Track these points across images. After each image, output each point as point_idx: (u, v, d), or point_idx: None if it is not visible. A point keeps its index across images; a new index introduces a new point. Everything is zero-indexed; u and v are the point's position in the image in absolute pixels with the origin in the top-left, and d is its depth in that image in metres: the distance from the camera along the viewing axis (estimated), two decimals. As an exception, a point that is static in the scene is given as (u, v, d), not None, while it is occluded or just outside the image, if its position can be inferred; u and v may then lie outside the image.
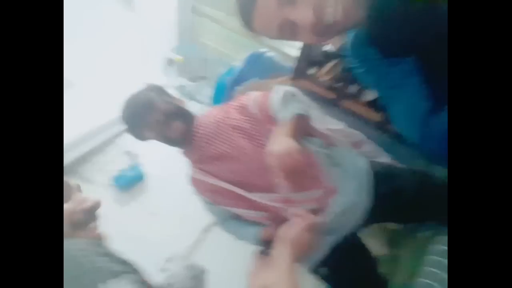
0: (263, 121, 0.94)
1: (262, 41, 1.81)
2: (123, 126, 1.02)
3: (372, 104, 1.21)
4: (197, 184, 1.03)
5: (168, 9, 1.92)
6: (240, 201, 0.94)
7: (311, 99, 1.05)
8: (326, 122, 1.00)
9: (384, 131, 1.13)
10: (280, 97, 0.93)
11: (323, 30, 0.54)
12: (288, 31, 0.57)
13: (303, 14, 0.52)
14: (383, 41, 0.62)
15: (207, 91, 2.04)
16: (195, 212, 1.50)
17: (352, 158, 0.90)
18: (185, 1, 1.92)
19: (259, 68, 1.47)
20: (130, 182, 1.66)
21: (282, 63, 1.53)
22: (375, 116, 1.16)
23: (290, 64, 1.55)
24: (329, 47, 1.30)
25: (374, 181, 0.85)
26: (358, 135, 1.01)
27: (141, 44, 1.89)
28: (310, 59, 1.34)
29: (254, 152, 0.91)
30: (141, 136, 1.02)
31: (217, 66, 2.07)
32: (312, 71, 1.39)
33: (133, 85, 1.06)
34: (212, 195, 1.00)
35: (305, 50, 1.28)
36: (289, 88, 0.95)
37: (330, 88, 1.27)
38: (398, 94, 0.62)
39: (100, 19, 1.58)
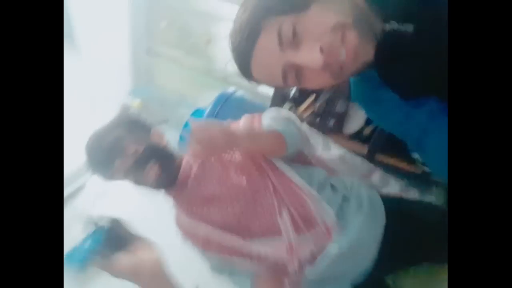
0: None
1: (227, 80, 1.76)
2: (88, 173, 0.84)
3: (355, 137, 1.20)
4: (184, 230, 0.89)
5: (119, 51, 1.77)
6: (235, 250, 0.82)
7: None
8: (329, 149, 0.94)
9: (373, 163, 1.11)
10: (270, 115, 0.85)
11: (337, 70, 0.48)
12: (293, 77, 0.51)
13: (311, 56, 0.47)
14: (397, 80, 0.57)
15: (171, 135, 1.89)
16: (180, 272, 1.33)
17: (361, 189, 0.83)
18: (139, 42, 1.80)
19: (230, 109, 1.38)
20: (89, 255, 1.38)
21: (254, 101, 1.47)
22: (362, 148, 1.14)
23: (261, 102, 1.51)
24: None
25: (386, 217, 0.79)
26: (365, 163, 0.96)
27: (91, 90, 1.70)
28: (284, 96, 1.31)
29: (250, 190, 0.81)
30: (112, 179, 0.85)
31: (178, 108, 1.95)
32: (286, 107, 1.36)
33: (84, 137, 0.88)
34: (202, 242, 0.87)
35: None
36: (284, 111, 0.88)
37: (311, 124, 1.23)
38: (431, 139, 0.56)
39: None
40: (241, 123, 0.87)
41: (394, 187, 0.91)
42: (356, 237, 0.74)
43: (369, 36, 0.47)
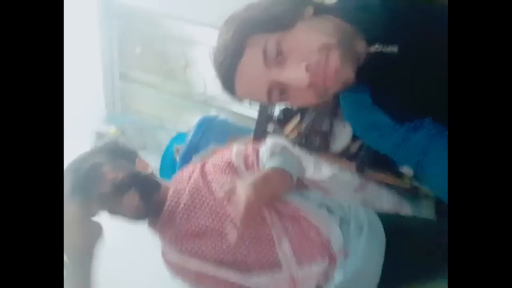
0: None
1: (207, 102, 1.73)
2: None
3: (343, 154, 1.20)
4: (174, 267, 0.83)
5: (92, 78, 1.70)
6: (232, 286, 0.78)
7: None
8: (320, 170, 0.93)
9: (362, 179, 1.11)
10: (267, 149, 0.83)
11: (322, 90, 0.49)
12: (277, 94, 0.51)
13: (296, 75, 0.47)
14: (390, 104, 0.57)
15: (150, 160, 1.82)
16: None
17: (359, 212, 0.82)
18: (111, 68, 1.74)
19: (214, 133, 1.36)
20: None
21: (237, 124, 1.45)
22: (350, 166, 1.15)
23: (245, 125, 1.49)
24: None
25: (386, 239, 0.78)
26: (356, 178, 0.95)
27: (64, 119, 1.60)
28: (267, 116, 1.30)
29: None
30: (90, 213, 0.77)
31: (156, 133, 1.89)
32: (270, 128, 1.35)
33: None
34: (195, 280, 0.81)
35: (263, 108, 1.24)
36: (279, 140, 0.87)
37: (297, 145, 1.23)
38: (432, 161, 0.56)
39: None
40: (234, 158, 0.84)
41: (387, 199, 0.92)
42: (360, 263, 0.72)
43: (352, 57, 0.48)
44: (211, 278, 0.78)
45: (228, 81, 0.52)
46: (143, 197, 0.78)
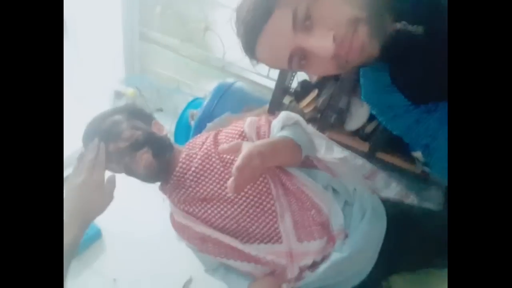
0: None
1: (224, 69, 1.71)
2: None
3: (357, 133, 1.19)
4: (180, 229, 0.87)
5: (110, 36, 1.69)
6: (233, 251, 0.81)
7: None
8: (332, 151, 0.92)
9: (374, 160, 1.10)
10: (279, 121, 0.83)
11: (343, 62, 0.48)
12: (298, 61, 0.50)
13: (323, 44, 0.46)
14: (408, 84, 0.57)
15: (166, 124, 1.85)
16: (168, 273, 1.33)
17: (363, 196, 0.83)
18: (131, 27, 1.72)
19: (229, 101, 1.35)
20: (82, 244, 1.37)
21: (253, 93, 1.44)
22: (363, 146, 1.14)
23: (261, 95, 1.48)
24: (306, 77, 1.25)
25: (387, 225, 0.79)
26: (367, 164, 0.95)
27: (82, 77, 1.63)
28: (284, 88, 1.28)
29: (251, 193, 0.79)
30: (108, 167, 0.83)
31: (173, 97, 1.90)
32: (286, 100, 1.33)
33: (76, 127, 0.86)
34: (198, 243, 0.85)
35: (281, 79, 1.22)
36: (292, 114, 0.86)
37: (312, 120, 1.22)
38: (439, 145, 0.56)
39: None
40: (247, 128, 0.84)
41: (394, 190, 0.91)
42: (359, 245, 0.74)
43: (379, 33, 0.47)
44: (214, 241, 0.81)
45: (252, 40, 0.51)
46: (156, 156, 0.81)
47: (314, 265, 0.76)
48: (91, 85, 1.66)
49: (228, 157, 0.82)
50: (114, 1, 1.56)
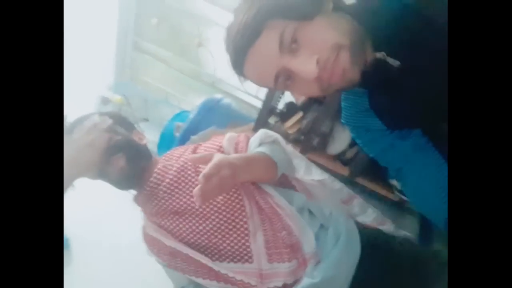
0: None
1: (214, 85, 1.73)
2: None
3: (338, 158, 1.21)
4: (151, 242, 0.85)
5: (105, 43, 1.70)
6: (202, 269, 0.78)
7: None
8: (311, 172, 0.93)
9: (353, 185, 1.12)
10: (257, 137, 0.83)
11: (326, 85, 0.51)
12: (283, 81, 0.53)
13: (307, 66, 0.48)
14: (384, 110, 0.60)
15: (151, 134, 1.83)
16: (137, 282, 1.28)
17: (339, 220, 0.82)
18: (125, 35, 1.74)
19: (216, 116, 1.36)
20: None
21: (240, 111, 1.46)
22: (344, 170, 1.16)
23: (247, 113, 1.50)
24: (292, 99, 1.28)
25: (361, 252, 0.78)
26: (345, 189, 0.95)
27: (71, 80, 1.61)
28: (271, 108, 1.30)
29: (224, 209, 0.77)
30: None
31: (160, 108, 1.90)
32: (272, 120, 1.35)
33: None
34: (168, 258, 0.82)
35: (268, 99, 1.24)
36: (271, 133, 0.87)
37: (295, 141, 1.24)
38: (411, 170, 0.58)
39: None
40: (225, 143, 0.85)
41: (371, 216, 0.92)
42: (330, 272, 0.73)
43: (360, 60, 0.50)
44: (184, 257, 0.78)
45: (240, 58, 0.53)
46: (129, 162, 0.80)
47: None
48: (78, 88, 1.65)
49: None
50: (111, 8, 1.58)
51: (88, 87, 1.70)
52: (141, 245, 0.89)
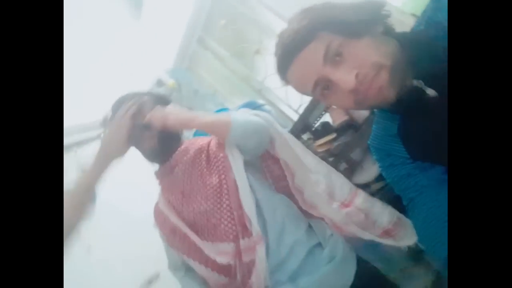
0: None
1: (261, 92, 1.79)
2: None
3: (362, 189, 1.17)
4: (159, 216, 0.90)
5: (174, 31, 1.85)
6: (194, 251, 0.82)
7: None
8: (301, 154, 0.93)
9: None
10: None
11: (361, 99, 0.52)
12: (321, 90, 0.55)
13: (346, 77, 0.50)
14: (411, 139, 0.58)
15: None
16: (140, 258, 1.32)
17: (338, 243, 0.81)
18: (193, 29, 1.88)
19: (253, 118, 1.39)
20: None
21: (277, 120, 1.48)
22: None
23: (284, 123, 1.52)
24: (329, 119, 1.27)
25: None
26: (344, 193, 0.93)
27: (137, 56, 1.77)
28: (307, 125, 1.31)
29: (220, 190, 0.81)
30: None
31: (206, 101, 2.00)
32: (305, 136, 1.36)
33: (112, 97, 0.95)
34: (169, 234, 0.87)
35: (306, 114, 1.25)
36: (264, 112, 0.94)
37: (323, 159, 1.22)
38: (423, 202, 0.56)
39: (104, 20, 1.47)
40: None
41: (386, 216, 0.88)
42: (316, 285, 0.73)
43: (398, 82, 0.50)
44: (182, 236, 0.83)
45: (286, 62, 0.56)
46: (160, 142, 0.86)
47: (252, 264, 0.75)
48: (140, 66, 1.80)
49: (213, 152, 0.86)
50: (187, 2, 1.73)
51: (149, 67, 1.86)
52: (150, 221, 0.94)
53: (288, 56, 0.55)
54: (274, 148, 0.93)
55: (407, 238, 0.81)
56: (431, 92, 0.52)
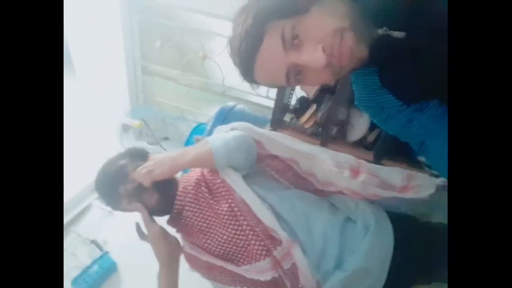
0: None
1: (225, 93, 1.76)
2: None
3: (360, 144, 1.19)
4: (190, 259, 0.89)
5: (114, 73, 1.77)
6: (237, 279, 0.82)
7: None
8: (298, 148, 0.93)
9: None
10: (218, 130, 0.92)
11: (337, 68, 0.51)
12: (294, 76, 0.53)
13: (314, 56, 0.49)
14: (397, 85, 0.59)
15: (173, 151, 1.88)
16: None
17: (367, 211, 0.81)
18: (133, 62, 1.80)
19: (231, 123, 1.38)
20: (96, 280, 1.37)
21: (254, 114, 1.47)
22: (368, 155, 1.14)
23: (262, 115, 1.51)
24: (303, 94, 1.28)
25: (397, 242, 0.76)
26: (349, 159, 0.94)
27: (91, 113, 1.69)
28: (284, 106, 1.31)
29: (231, 213, 0.81)
30: (119, 208, 0.89)
31: (178, 125, 1.95)
32: (287, 118, 1.36)
33: (87, 159, 0.92)
34: (206, 272, 0.87)
35: (279, 98, 1.24)
36: (240, 124, 0.95)
37: (313, 134, 1.23)
38: (435, 142, 0.57)
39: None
40: None
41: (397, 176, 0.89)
42: (362, 262, 0.73)
43: (365, 37, 0.50)
44: (219, 269, 0.82)
45: (249, 67, 0.54)
46: (161, 194, 0.85)
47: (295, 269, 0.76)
48: (100, 120, 1.73)
49: (210, 181, 0.86)
50: (116, 39, 1.65)
51: (108, 117, 1.78)
52: (185, 266, 0.93)
53: (248, 61, 0.54)
54: (264, 148, 0.92)
55: (426, 188, 0.82)
56: (398, 34, 0.52)
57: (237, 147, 0.83)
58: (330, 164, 0.89)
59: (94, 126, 1.74)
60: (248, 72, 0.55)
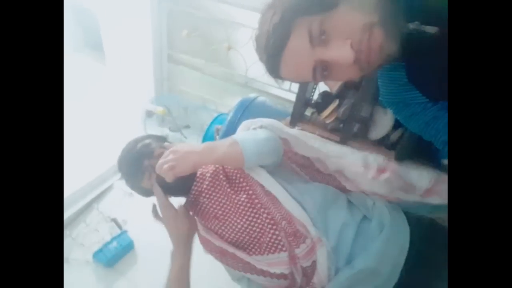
0: None
1: (247, 85, 1.76)
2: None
3: (382, 142, 1.16)
4: (204, 242, 0.91)
5: (142, 60, 1.82)
6: (248, 266, 0.82)
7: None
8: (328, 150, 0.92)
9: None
10: (243, 127, 0.90)
11: (365, 64, 0.50)
12: (321, 72, 0.53)
13: (342, 52, 0.48)
14: (424, 82, 0.57)
15: (193, 140, 1.92)
16: (198, 284, 1.34)
17: (383, 211, 0.80)
18: (160, 50, 1.84)
19: (252, 115, 1.38)
20: (115, 255, 1.43)
21: (275, 106, 1.46)
22: (389, 155, 1.10)
23: (283, 108, 1.50)
24: (326, 89, 1.25)
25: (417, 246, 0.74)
26: (377, 159, 0.92)
27: (117, 98, 1.75)
28: (306, 100, 1.29)
29: (251, 204, 0.81)
30: (139, 185, 0.91)
31: (199, 114, 1.98)
32: (308, 112, 1.34)
33: (111, 142, 0.96)
34: (219, 256, 0.88)
35: (302, 91, 1.23)
36: (265, 120, 0.93)
37: (334, 130, 1.21)
38: None
39: (72, 75, 1.45)
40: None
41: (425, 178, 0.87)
42: (372, 263, 0.72)
43: (395, 33, 0.48)
44: (232, 256, 0.84)
45: (275, 63, 0.54)
46: (181, 177, 0.85)
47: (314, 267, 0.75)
48: (125, 106, 1.79)
49: (233, 174, 0.87)
50: (145, 28, 1.69)
51: (134, 102, 1.84)
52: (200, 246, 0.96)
53: (274, 57, 0.53)
54: (290, 146, 0.93)
55: None
56: (431, 29, 0.50)
57: (269, 152, 0.83)
58: (359, 164, 0.88)
59: (120, 111, 1.81)
60: (274, 68, 0.55)
